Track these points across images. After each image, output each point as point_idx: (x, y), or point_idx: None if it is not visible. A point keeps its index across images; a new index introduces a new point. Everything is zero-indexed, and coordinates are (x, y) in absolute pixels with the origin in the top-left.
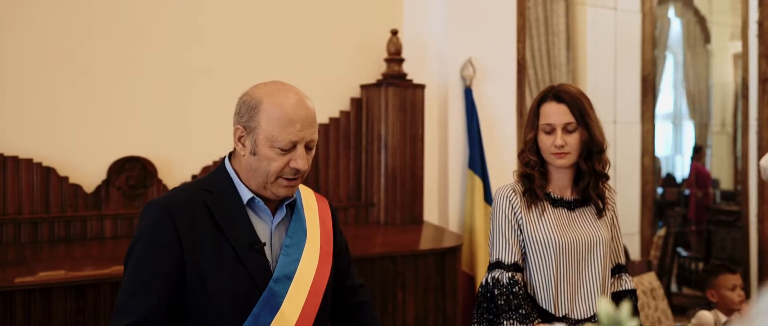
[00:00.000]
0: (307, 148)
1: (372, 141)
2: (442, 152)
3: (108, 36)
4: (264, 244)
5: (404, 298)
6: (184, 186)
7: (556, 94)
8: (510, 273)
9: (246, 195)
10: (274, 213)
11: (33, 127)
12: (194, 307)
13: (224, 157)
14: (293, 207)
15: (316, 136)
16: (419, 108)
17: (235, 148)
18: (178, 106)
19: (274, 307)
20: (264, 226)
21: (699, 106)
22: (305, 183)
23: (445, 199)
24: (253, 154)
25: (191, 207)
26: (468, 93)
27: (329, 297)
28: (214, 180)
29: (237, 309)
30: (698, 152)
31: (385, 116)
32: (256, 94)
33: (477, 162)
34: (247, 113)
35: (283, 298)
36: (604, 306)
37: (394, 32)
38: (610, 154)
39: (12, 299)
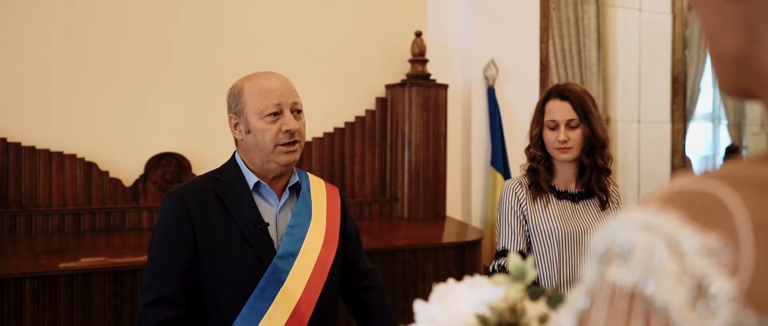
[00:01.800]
0: (295, 112)
1: (396, 139)
2: (465, 150)
3: (146, 40)
4: (268, 224)
5: (424, 290)
6: (199, 177)
7: (560, 92)
8: None
9: (252, 180)
10: (279, 197)
11: (77, 125)
12: (206, 282)
13: (235, 151)
14: (299, 191)
15: (298, 100)
16: (442, 107)
17: (235, 139)
18: (211, 106)
19: (279, 282)
20: (270, 209)
21: (735, 107)
22: (332, 179)
23: (468, 196)
24: (248, 132)
25: (202, 195)
26: (491, 92)
27: (337, 277)
28: (224, 170)
29: (244, 283)
30: (733, 152)
31: (408, 115)
32: (237, 83)
33: (499, 159)
34: (233, 101)
35: (287, 274)
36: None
37: (418, 34)
38: (635, 152)
39: (57, 283)
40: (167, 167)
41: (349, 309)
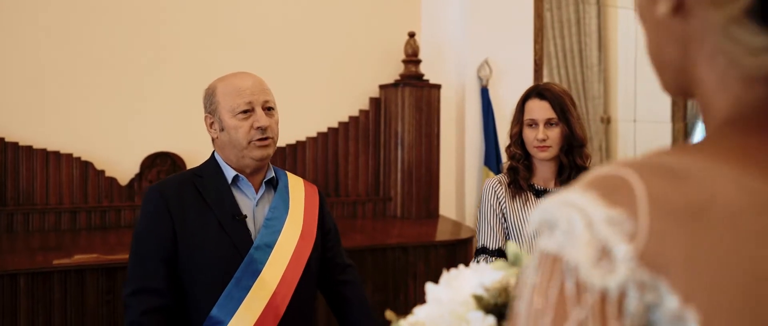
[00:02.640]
0: (267, 110)
1: (389, 138)
2: (459, 150)
3: (141, 41)
4: (245, 216)
5: (416, 288)
6: (179, 173)
7: (540, 91)
8: (493, 258)
9: (230, 174)
10: (257, 191)
11: (73, 125)
12: (186, 272)
13: (214, 150)
14: (276, 186)
15: (270, 98)
16: (435, 107)
17: (212, 138)
18: None
19: (255, 272)
20: (247, 202)
21: None
22: (326, 178)
23: (461, 195)
24: (222, 130)
25: (181, 189)
26: (484, 92)
27: (314, 270)
28: (204, 167)
29: (222, 273)
30: None
31: (401, 115)
32: (212, 84)
33: (492, 159)
34: (207, 101)
35: (263, 265)
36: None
37: (412, 35)
38: (635, 152)
39: (51, 279)
40: (162, 166)
41: (328, 301)
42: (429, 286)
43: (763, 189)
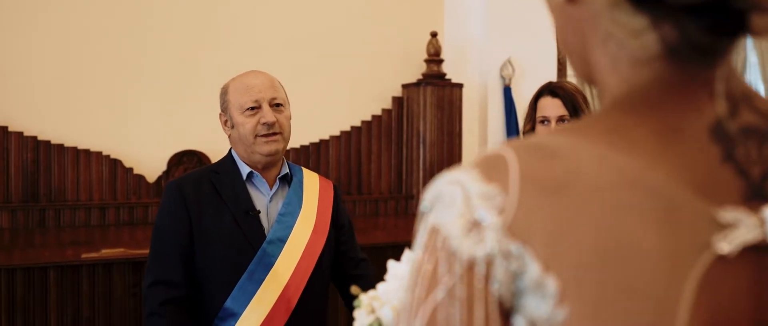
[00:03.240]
0: (275, 106)
1: (412, 137)
2: (482, 148)
3: (167, 45)
4: (259, 212)
5: None
6: (197, 170)
7: (552, 89)
8: None
9: (245, 170)
10: (271, 187)
11: (103, 123)
12: (201, 265)
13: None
14: (290, 182)
15: (278, 95)
16: (457, 106)
17: (228, 137)
18: None
19: (268, 265)
20: (261, 197)
21: None
22: (349, 176)
23: None
24: (233, 127)
25: (198, 184)
26: (507, 91)
27: (326, 264)
28: (220, 163)
29: (236, 266)
30: None
31: (424, 114)
32: (226, 83)
33: None
34: (222, 99)
35: (276, 258)
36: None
37: (434, 34)
38: None
39: (79, 272)
40: (188, 164)
41: (342, 295)
42: (390, 263)
43: (628, 165)
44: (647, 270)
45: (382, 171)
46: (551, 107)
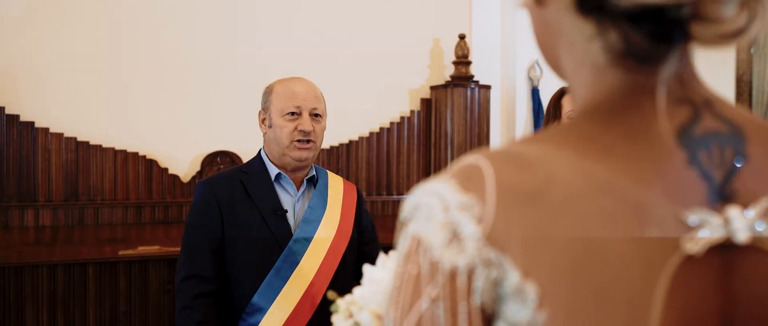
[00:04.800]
0: (314, 116)
1: (440, 138)
2: None
3: (202, 47)
4: (286, 211)
5: None
6: (228, 169)
7: None
8: None
9: (274, 171)
10: (298, 188)
11: (140, 125)
12: (231, 261)
13: (260, 148)
14: (316, 184)
15: (319, 106)
16: (484, 107)
17: (263, 135)
18: None
19: (294, 263)
20: (289, 198)
21: None
22: (378, 177)
23: None
24: (270, 127)
25: (229, 184)
26: (535, 93)
27: (350, 264)
28: (250, 163)
29: (263, 263)
30: None
31: (451, 115)
32: (271, 84)
33: None
34: (264, 98)
35: (302, 256)
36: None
37: (462, 37)
38: None
39: (116, 268)
40: (222, 164)
41: None
42: (366, 267)
43: (598, 172)
44: (620, 274)
45: (411, 171)
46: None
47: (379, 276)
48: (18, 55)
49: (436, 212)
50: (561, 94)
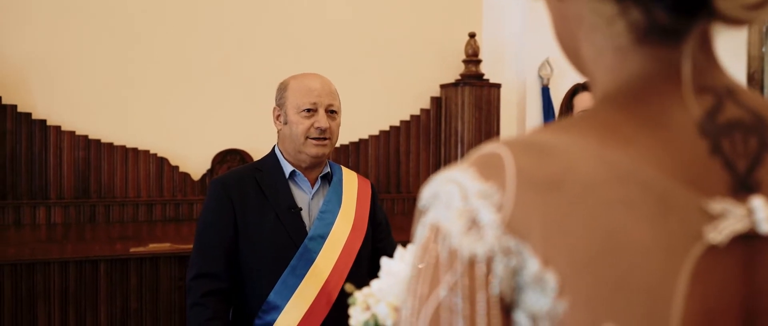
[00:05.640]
0: (330, 112)
1: (450, 137)
2: None
3: (213, 45)
4: (300, 209)
5: None
6: (241, 167)
7: (586, 85)
8: None
9: (288, 169)
10: (313, 185)
11: (150, 123)
12: (245, 260)
13: (274, 145)
14: (331, 181)
15: (335, 103)
16: (495, 106)
17: (277, 132)
18: (272, 105)
19: (309, 261)
20: (303, 195)
21: None
22: (388, 175)
23: None
24: (286, 123)
25: (242, 182)
26: (545, 91)
27: (365, 261)
28: (264, 161)
29: (278, 261)
30: None
31: (462, 114)
32: (285, 80)
33: None
34: (279, 94)
35: (317, 254)
36: None
37: (472, 35)
38: None
39: (127, 265)
40: (232, 162)
41: None
42: (383, 260)
43: (619, 161)
44: (641, 263)
45: (421, 170)
46: (590, 101)
47: (397, 268)
48: (30, 54)
49: (455, 200)
50: (574, 92)
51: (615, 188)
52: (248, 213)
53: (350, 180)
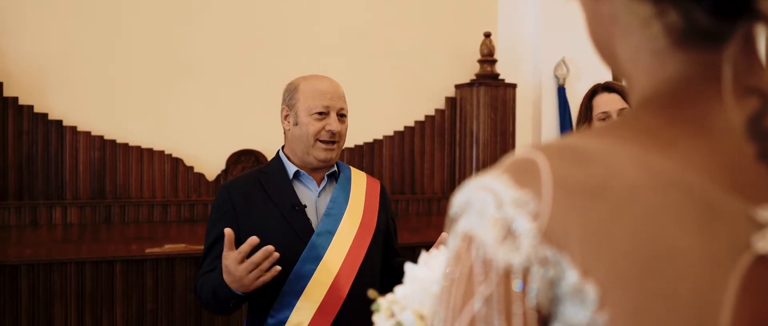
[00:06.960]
0: (340, 116)
1: (465, 137)
2: None
3: (227, 45)
4: (305, 206)
5: None
6: (247, 172)
7: (606, 86)
8: None
9: (292, 170)
10: (319, 184)
11: (165, 124)
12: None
13: (279, 149)
14: (338, 179)
15: (344, 106)
16: (510, 106)
17: (284, 129)
18: None
19: (318, 257)
20: (309, 193)
21: None
22: (402, 176)
23: None
24: (296, 124)
25: (246, 185)
26: (561, 91)
27: (376, 258)
28: (269, 163)
29: (286, 258)
30: None
31: (477, 114)
32: (294, 81)
33: None
34: (288, 95)
35: (326, 250)
36: None
37: (487, 35)
38: None
39: (143, 266)
40: (246, 163)
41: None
42: (408, 265)
43: (663, 167)
44: (687, 274)
45: (435, 170)
46: (611, 102)
47: (422, 274)
48: (47, 54)
49: (489, 208)
50: (593, 93)
51: (660, 195)
52: (250, 213)
53: (359, 179)
